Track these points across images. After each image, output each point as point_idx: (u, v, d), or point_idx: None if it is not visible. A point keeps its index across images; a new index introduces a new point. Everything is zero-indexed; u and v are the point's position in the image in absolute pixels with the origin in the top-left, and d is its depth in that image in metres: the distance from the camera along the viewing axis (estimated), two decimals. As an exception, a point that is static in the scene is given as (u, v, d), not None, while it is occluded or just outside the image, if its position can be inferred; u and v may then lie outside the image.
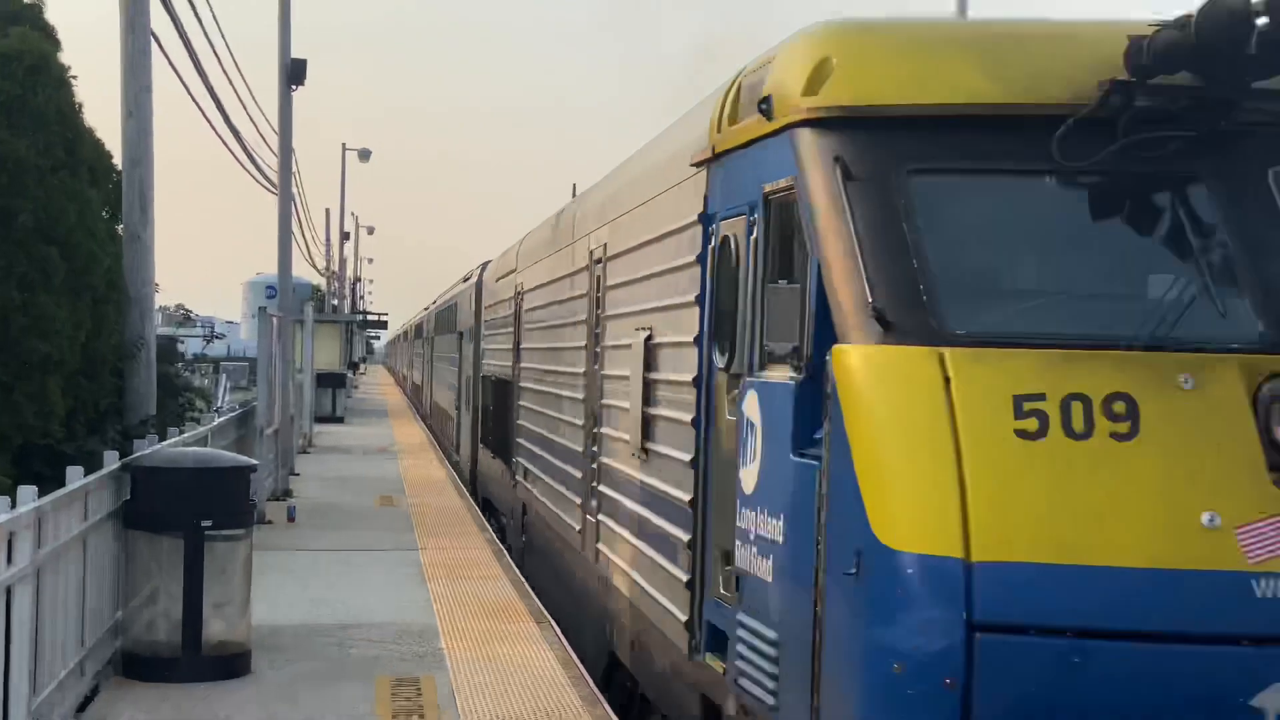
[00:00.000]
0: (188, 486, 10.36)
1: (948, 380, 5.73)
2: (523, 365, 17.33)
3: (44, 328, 12.29)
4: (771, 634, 6.62)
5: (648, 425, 9.53)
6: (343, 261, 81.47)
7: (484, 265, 24.91)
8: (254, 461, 11.41)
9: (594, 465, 11.73)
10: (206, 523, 10.28)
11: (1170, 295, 6.14)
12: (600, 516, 11.42)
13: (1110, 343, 5.89)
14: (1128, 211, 6.32)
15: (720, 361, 7.76)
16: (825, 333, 6.21)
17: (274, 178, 25.95)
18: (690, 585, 8.21)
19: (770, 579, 6.66)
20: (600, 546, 11.42)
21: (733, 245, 7.63)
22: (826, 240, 6.32)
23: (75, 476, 9.32)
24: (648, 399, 9.53)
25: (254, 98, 25.27)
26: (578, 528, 12.58)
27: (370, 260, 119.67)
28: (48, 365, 12.36)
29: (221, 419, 18.75)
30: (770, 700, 6.61)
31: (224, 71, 21.36)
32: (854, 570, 5.67)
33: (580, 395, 12.61)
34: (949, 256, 6.17)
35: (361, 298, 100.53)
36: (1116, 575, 5.40)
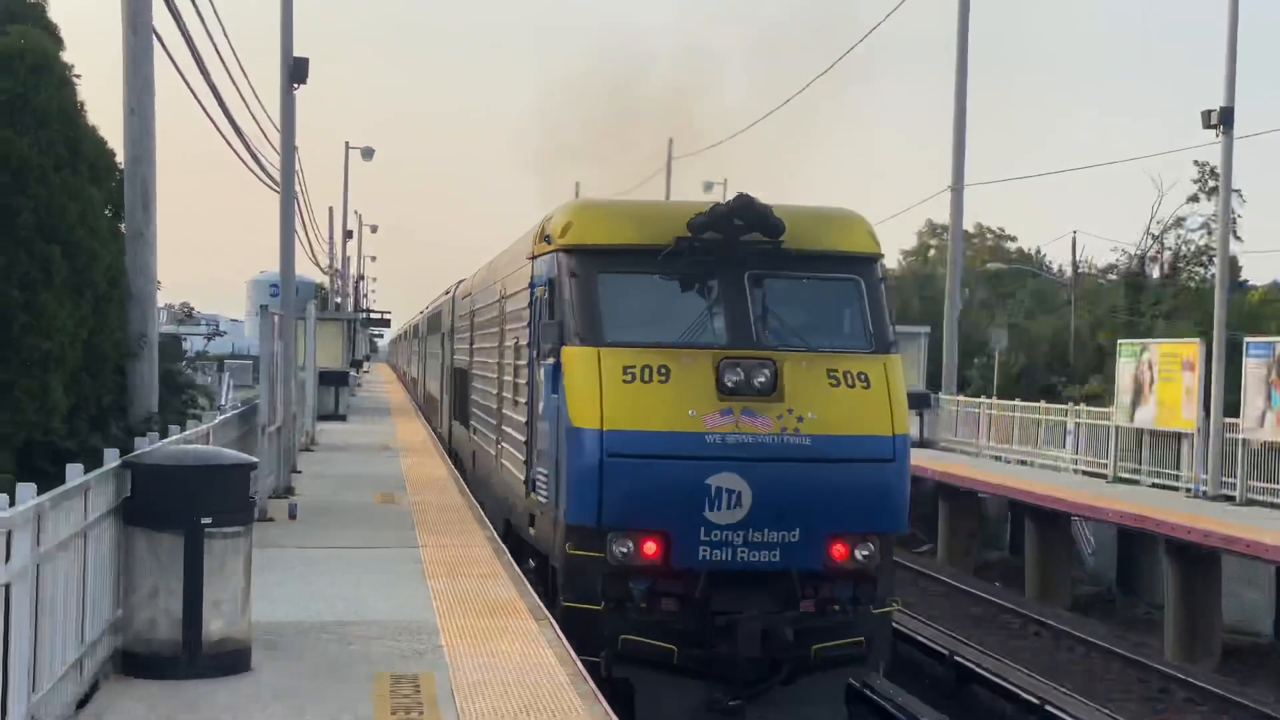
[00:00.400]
0: (188, 483, 10.37)
1: (599, 360, 13.31)
2: (473, 360, 23.94)
3: (45, 326, 12.33)
4: (545, 471, 14.42)
5: (515, 387, 17.22)
6: (346, 260, 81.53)
7: (458, 283, 31.29)
8: (254, 459, 11.43)
9: (498, 417, 19.25)
10: (206, 520, 10.29)
11: (698, 325, 13.58)
12: (502, 444, 18.73)
13: (668, 345, 13.38)
14: (689, 292, 13.71)
15: (534, 353, 15.25)
16: (562, 342, 13.77)
17: (277, 176, 25.99)
18: (526, 464, 15.81)
19: (545, 447, 14.46)
20: (503, 460, 18.62)
21: (538, 301, 15.06)
22: (563, 304, 13.92)
23: (75, 474, 9.34)
24: (515, 373, 17.29)
25: (256, 95, 25.25)
26: (493, 454, 19.80)
27: (373, 259, 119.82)
28: (49, 363, 12.40)
29: (223, 416, 18.76)
30: (546, 499, 14.46)
31: (226, 69, 21.30)
32: (566, 437, 13.52)
33: (494, 375, 19.80)
34: (607, 311, 13.63)
35: (365, 296, 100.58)
36: (656, 434, 12.90)
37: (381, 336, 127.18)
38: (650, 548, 13.01)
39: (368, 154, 66.58)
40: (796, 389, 13.18)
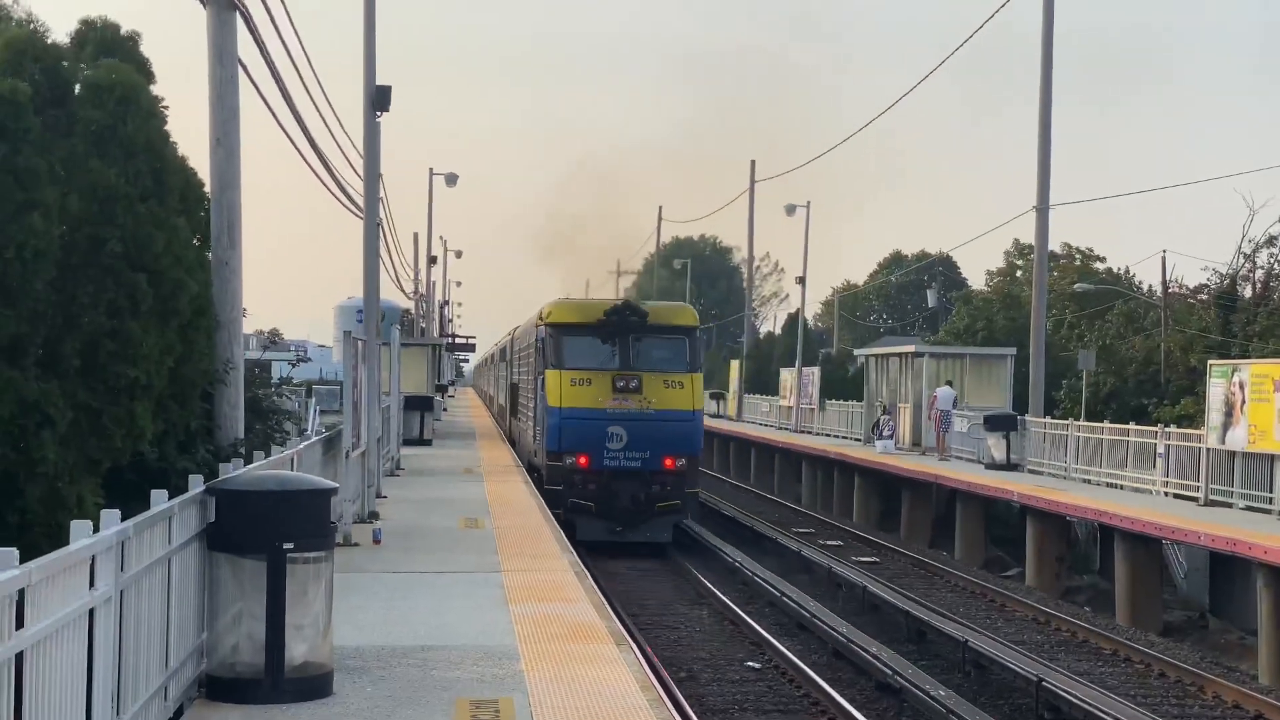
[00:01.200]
0: (269, 509, 10.47)
1: (560, 376, 29.87)
2: (518, 377, 40.23)
3: (132, 353, 12.49)
4: (539, 429, 31.33)
5: (534, 391, 32.75)
6: (431, 285, 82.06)
7: (513, 329, 47.02)
8: (334, 484, 11.51)
9: (527, 407, 34.94)
10: (288, 545, 10.38)
11: (606, 359, 29.84)
12: (528, 421, 34.69)
13: (592, 369, 29.78)
14: (603, 344, 29.86)
15: (538, 372, 31.75)
16: (545, 367, 30.54)
17: (362, 203, 26.22)
18: (535, 427, 32.20)
19: (539, 416, 31.30)
20: (527, 429, 35.27)
21: (539, 347, 31.51)
22: (545, 350, 30.73)
23: (160, 500, 9.45)
24: (533, 382, 32.92)
25: (341, 123, 25.50)
26: (525, 428, 35.88)
27: (459, 284, 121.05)
28: (135, 390, 12.56)
29: (308, 442, 18.93)
30: (538, 442, 31.77)
31: (310, 97, 21.53)
32: (545, 410, 30.40)
33: (525, 385, 36.23)
34: (565, 354, 30.10)
35: (450, 321, 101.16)
36: (584, 409, 29.26)
37: (467, 361, 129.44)
38: (582, 460, 29.36)
39: (451, 180, 67.04)
40: (649, 388, 29.49)
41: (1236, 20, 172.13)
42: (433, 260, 77.70)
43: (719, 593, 24.91)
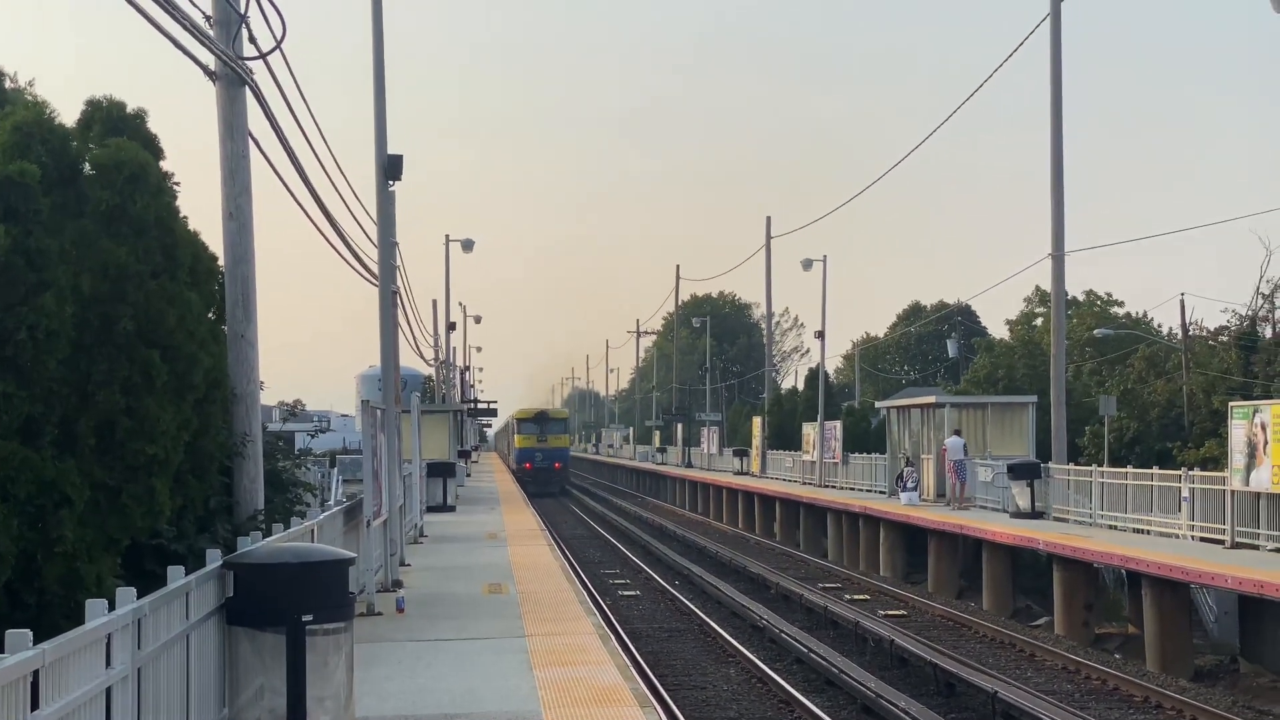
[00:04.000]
0: (288, 581, 10.47)
1: (520, 436, 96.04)
2: (509, 437, 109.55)
3: (149, 430, 12.50)
4: (513, 457, 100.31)
5: (510, 446, 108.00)
6: (451, 351, 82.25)
7: (511, 416, 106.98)
8: (352, 554, 11.50)
9: (507, 450, 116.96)
10: (307, 617, 10.37)
11: (535, 432, 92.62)
12: (510, 453, 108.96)
13: (530, 435, 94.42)
14: (534, 428, 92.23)
15: (510, 438, 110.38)
16: (516, 433, 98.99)
17: (377, 271, 26.29)
18: (513, 458, 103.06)
19: (511, 451, 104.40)
20: (512, 455, 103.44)
21: (515, 425, 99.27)
22: (511, 432, 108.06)
23: (176, 576, 9.46)
24: (510, 441, 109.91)
25: (355, 192, 25.62)
26: (510, 455, 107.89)
27: (479, 349, 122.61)
28: (153, 467, 12.57)
29: (328, 512, 18.93)
30: (514, 462, 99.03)
31: (323, 168, 21.65)
32: (515, 449, 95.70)
33: (506, 444, 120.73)
34: (521, 429, 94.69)
35: (471, 386, 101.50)
36: (526, 448, 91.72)
37: (490, 426, 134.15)
38: (529, 465, 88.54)
39: (468, 246, 67.30)
40: (548, 441, 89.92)
41: (1245, 56, 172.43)
42: (452, 326, 77.91)
43: (746, 650, 24.77)
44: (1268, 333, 50.93)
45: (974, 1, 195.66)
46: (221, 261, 16.31)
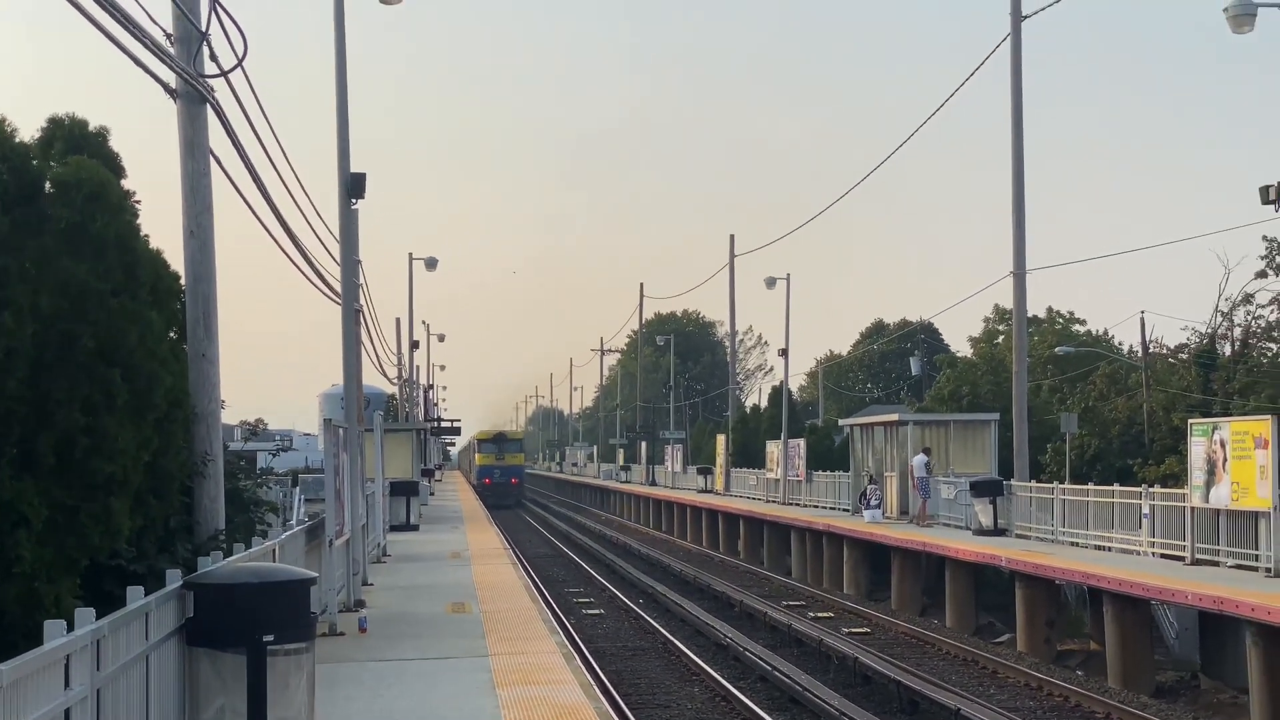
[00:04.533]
0: (248, 602, 10.42)
1: (480, 455, 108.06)
2: (470, 459, 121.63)
3: (108, 449, 12.42)
4: (474, 474, 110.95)
5: (471, 463, 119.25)
6: (415, 369, 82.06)
7: (472, 436, 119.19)
8: (313, 574, 11.45)
9: (470, 466, 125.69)
10: (268, 637, 10.32)
11: (495, 451, 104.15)
12: (472, 470, 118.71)
13: (490, 454, 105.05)
14: (493, 448, 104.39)
15: (471, 456, 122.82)
16: (477, 453, 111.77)
17: (340, 289, 26.20)
18: (475, 474, 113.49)
19: (473, 469, 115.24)
20: (474, 472, 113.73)
21: (475, 445, 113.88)
22: (476, 447, 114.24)
23: (135, 597, 9.40)
24: (472, 459, 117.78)
25: (317, 211, 25.56)
26: (472, 472, 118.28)
27: (442, 368, 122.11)
28: (112, 486, 12.49)
29: (290, 532, 18.84)
30: (475, 478, 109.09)
31: (286, 187, 21.59)
32: (477, 466, 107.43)
33: (469, 461, 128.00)
34: (481, 449, 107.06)
35: (435, 405, 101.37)
36: (486, 466, 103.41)
37: (454, 445, 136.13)
38: (488, 481, 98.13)
39: (431, 264, 67.21)
40: (506, 459, 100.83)
41: (1200, 75, 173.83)
42: (415, 344, 77.70)
43: (710, 669, 24.76)
44: (1227, 350, 51.29)
45: (938, 22, 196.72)
46: (183, 280, 16.25)
